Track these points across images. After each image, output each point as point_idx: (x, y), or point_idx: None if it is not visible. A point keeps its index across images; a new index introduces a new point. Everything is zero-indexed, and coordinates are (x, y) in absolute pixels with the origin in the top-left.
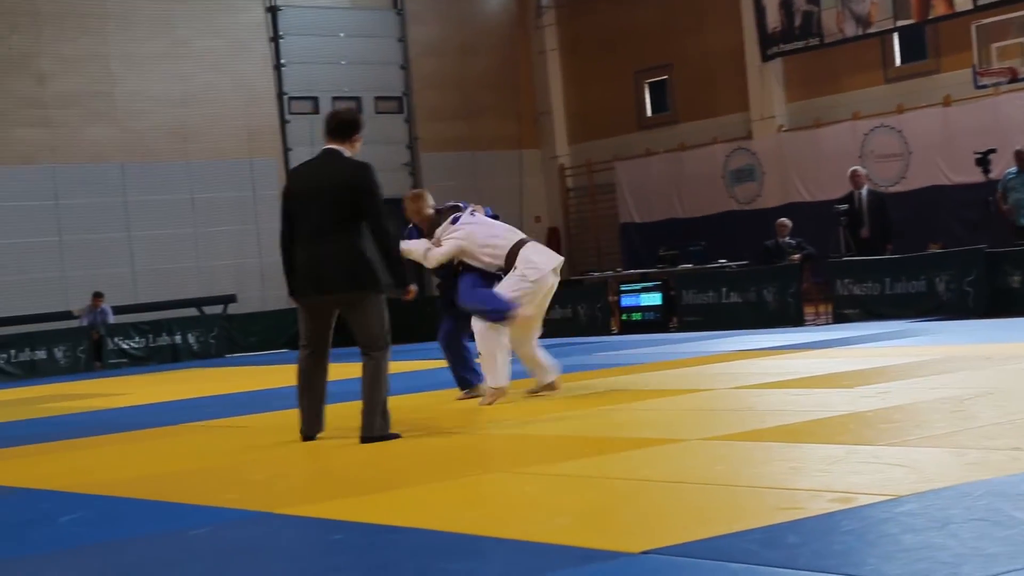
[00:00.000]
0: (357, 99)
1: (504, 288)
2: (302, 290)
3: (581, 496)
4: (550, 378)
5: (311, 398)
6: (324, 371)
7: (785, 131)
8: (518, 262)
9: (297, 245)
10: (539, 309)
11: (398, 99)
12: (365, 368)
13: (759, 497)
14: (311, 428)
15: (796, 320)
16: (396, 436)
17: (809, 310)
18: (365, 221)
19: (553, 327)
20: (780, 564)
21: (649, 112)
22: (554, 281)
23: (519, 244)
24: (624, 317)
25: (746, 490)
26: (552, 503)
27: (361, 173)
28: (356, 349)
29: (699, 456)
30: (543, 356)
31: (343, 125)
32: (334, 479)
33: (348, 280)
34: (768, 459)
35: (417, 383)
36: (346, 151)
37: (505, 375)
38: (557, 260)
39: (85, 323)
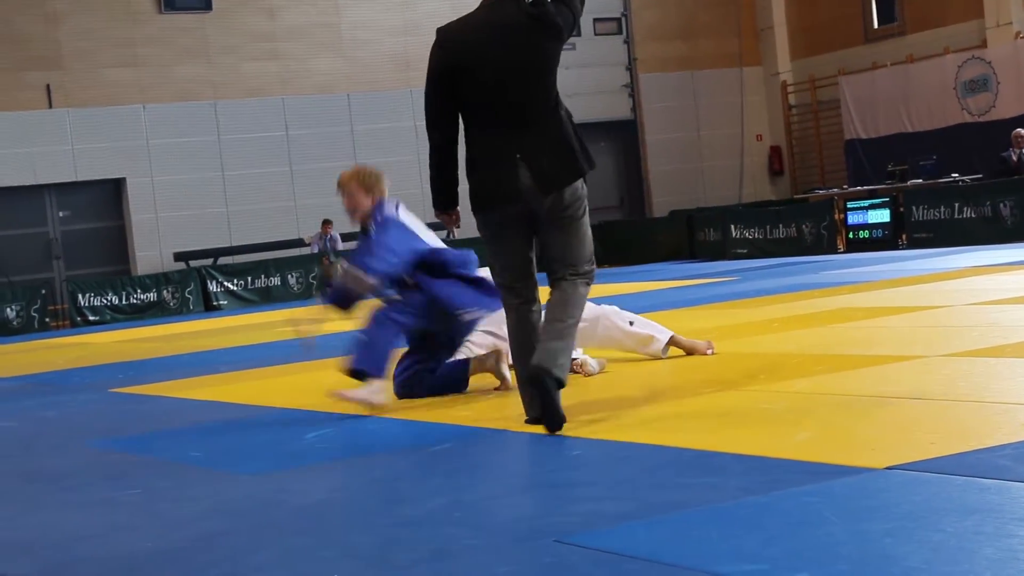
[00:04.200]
0: None
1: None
2: (495, 197)
3: (820, 412)
4: None
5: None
6: (539, 321)
7: (1023, 37)
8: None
9: (477, 138)
10: None
11: (617, 20)
12: (562, 291)
13: (1008, 413)
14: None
15: None
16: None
17: None
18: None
19: (778, 247)
20: None
21: (876, 24)
22: None
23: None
24: (851, 235)
25: (993, 406)
26: (791, 419)
27: (545, 8)
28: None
29: (940, 372)
30: None
31: None
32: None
33: (566, 174)
34: (1014, 375)
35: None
36: None
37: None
38: None
39: (316, 250)
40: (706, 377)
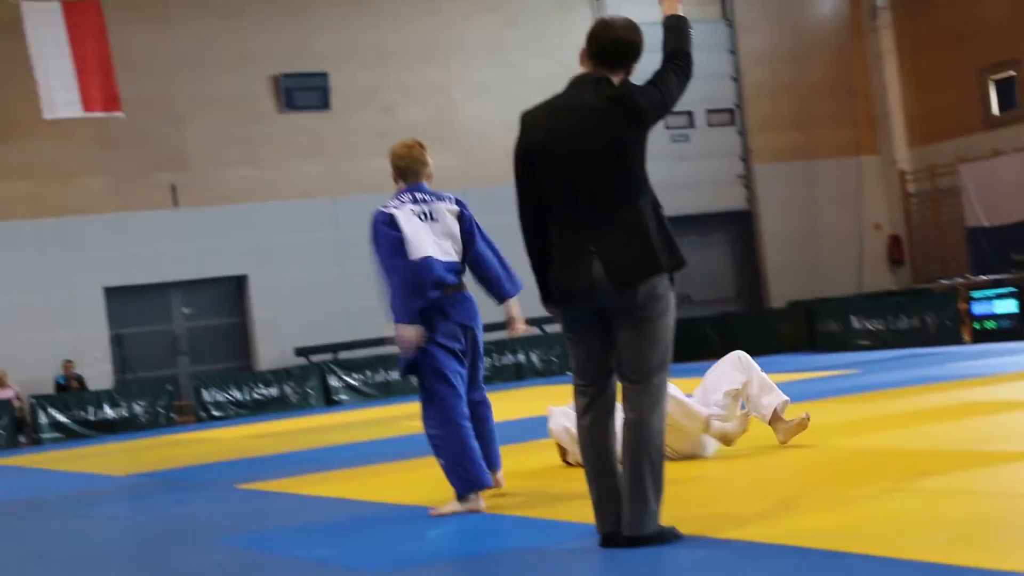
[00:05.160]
0: (688, 112)
1: None
2: (567, 293)
3: (956, 512)
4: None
5: (603, 484)
6: (613, 436)
7: None
8: None
9: (554, 226)
10: None
11: (730, 111)
12: (627, 419)
13: None
14: (608, 522)
15: None
16: (675, 535)
17: None
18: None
19: (901, 338)
20: None
21: (996, 110)
22: None
23: None
24: (976, 326)
25: None
26: (926, 519)
27: (626, 89)
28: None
29: None
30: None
31: (621, 48)
32: (675, 497)
33: (642, 269)
34: None
35: None
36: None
37: None
38: None
39: None
40: (831, 474)
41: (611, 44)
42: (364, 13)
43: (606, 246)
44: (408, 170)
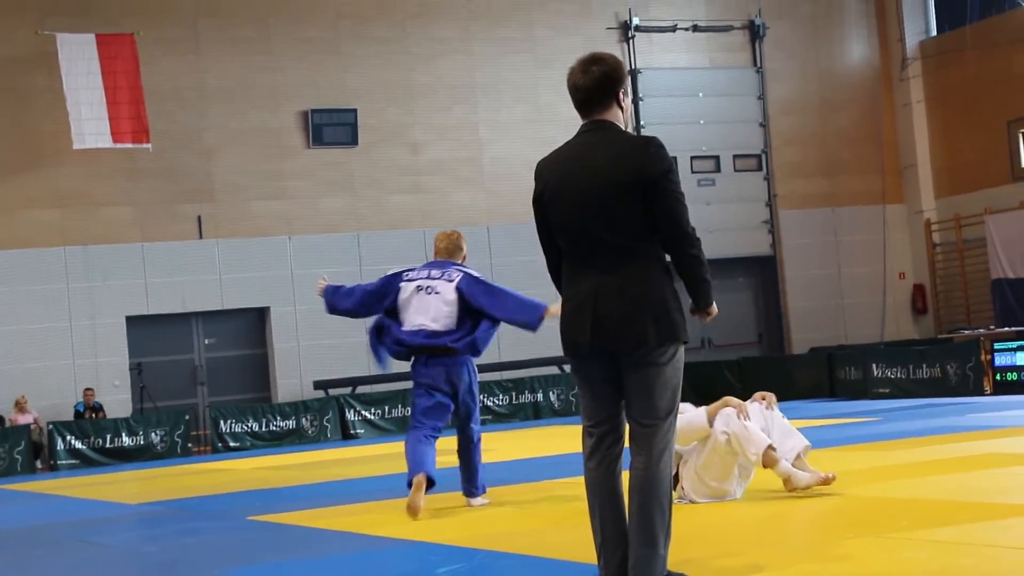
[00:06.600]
0: (715, 157)
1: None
2: (570, 345)
3: (968, 565)
4: None
5: (608, 527)
6: (619, 479)
7: None
8: None
9: (564, 273)
10: None
11: (757, 156)
12: (635, 462)
13: None
14: (612, 566)
15: None
16: None
17: None
18: (660, 227)
19: (921, 387)
20: None
21: (1023, 162)
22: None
23: None
24: (998, 377)
25: None
26: (936, 571)
27: (655, 154)
28: None
29: None
30: None
31: (602, 84)
32: (684, 541)
33: (636, 328)
34: None
35: None
36: (619, 120)
37: None
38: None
39: None
40: (845, 522)
41: (579, 88)
42: (395, 51)
43: (606, 302)
44: (442, 251)
